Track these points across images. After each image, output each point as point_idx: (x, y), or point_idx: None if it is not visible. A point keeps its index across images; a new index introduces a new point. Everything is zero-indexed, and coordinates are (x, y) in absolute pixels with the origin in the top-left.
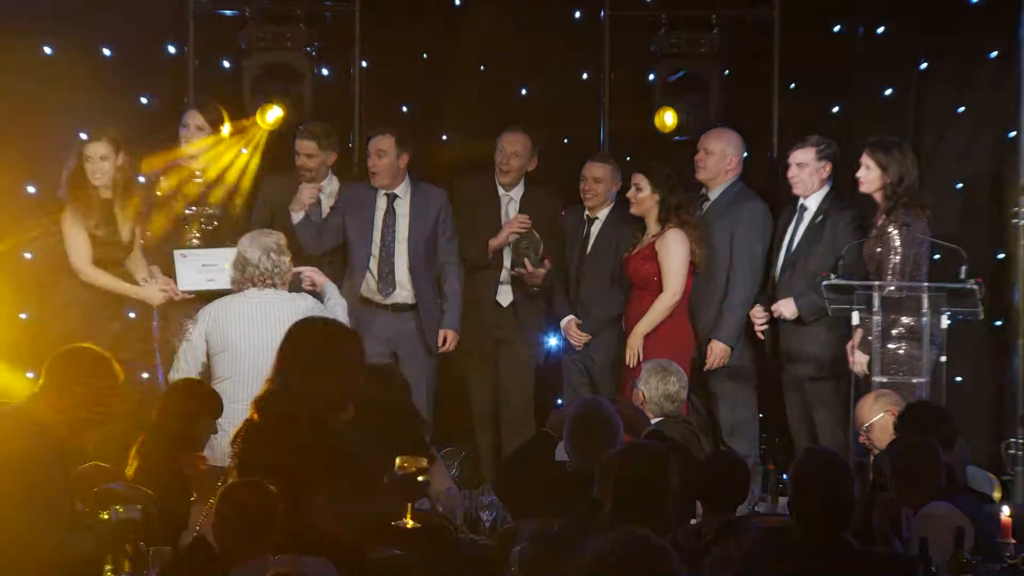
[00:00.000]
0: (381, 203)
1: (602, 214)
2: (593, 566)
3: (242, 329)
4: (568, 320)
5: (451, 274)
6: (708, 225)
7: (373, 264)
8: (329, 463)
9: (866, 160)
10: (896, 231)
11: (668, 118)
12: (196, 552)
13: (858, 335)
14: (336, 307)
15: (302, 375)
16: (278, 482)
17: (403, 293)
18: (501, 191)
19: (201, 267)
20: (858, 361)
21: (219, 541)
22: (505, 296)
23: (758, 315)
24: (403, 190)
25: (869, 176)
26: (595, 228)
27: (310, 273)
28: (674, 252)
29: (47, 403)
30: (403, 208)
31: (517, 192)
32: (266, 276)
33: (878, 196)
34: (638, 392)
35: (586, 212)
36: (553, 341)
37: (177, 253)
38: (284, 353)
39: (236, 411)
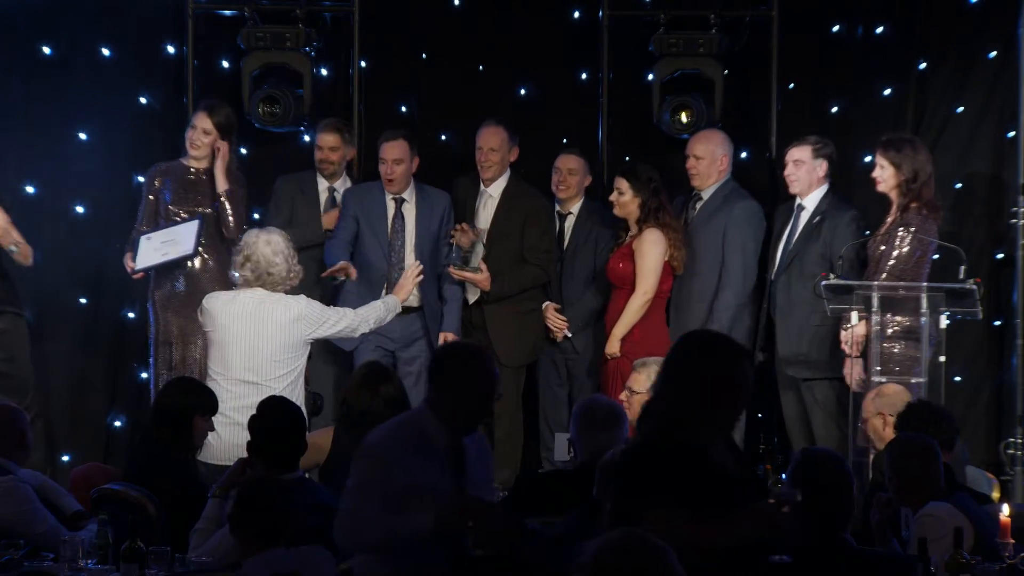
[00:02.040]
0: (390, 207)
1: (575, 208)
2: (593, 566)
3: (236, 328)
4: (546, 305)
5: (451, 277)
6: (700, 224)
7: (386, 269)
8: (699, 490)
9: (879, 159)
10: (902, 232)
11: (685, 116)
12: None
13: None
14: (344, 317)
15: (694, 397)
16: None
17: (410, 296)
18: (481, 187)
19: (160, 244)
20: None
21: (236, 534)
22: (471, 294)
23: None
24: (410, 194)
25: (884, 175)
26: (569, 224)
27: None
28: (648, 252)
29: (430, 405)
30: (410, 212)
31: (497, 188)
32: (271, 276)
33: (894, 195)
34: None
35: (558, 207)
36: None
37: (143, 237)
38: (674, 370)
39: (229, 408)
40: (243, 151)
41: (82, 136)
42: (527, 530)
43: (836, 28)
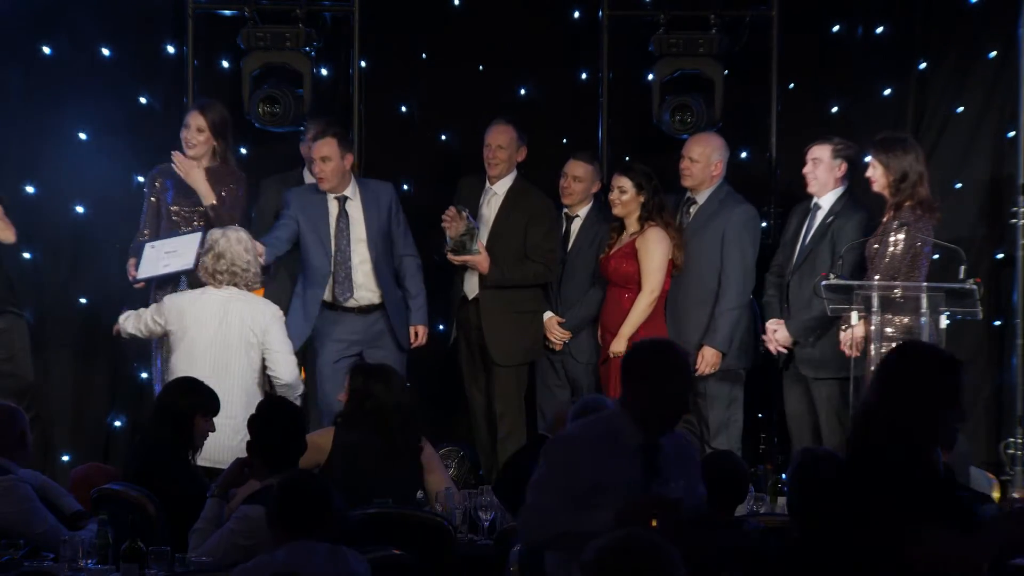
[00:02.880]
0: (333, 207)
1: (583, 212)
2: (597, 564)
3: (204, 325)
4: (549, 317)
5: (410, 267)
6: (698, 229)
7: (329, 269)
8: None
9: (871, 159)
10: (894, 231)
11: (687, 116)
12: None
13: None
14: (292, 361)
15: (913, 408)
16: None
17: (367, 294)
18: (487, 184)
19: (164, 254)
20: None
21: (274, 526)
22: (469, 290)
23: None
24: (352, 191)
25: (876, 175)
26: (575, 226)
27: None
28: (654, 250)
29: (623, 404)
30: (355, 209)
31: (503, 186)
32: (247, 273)
33: (886, 194)
34: None
35: (565, 210)
36: None
37: (147, 245)
38: (891, 380)
39: None
40: (243, 151)
41: (82, 136)
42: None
43: (836, 28)
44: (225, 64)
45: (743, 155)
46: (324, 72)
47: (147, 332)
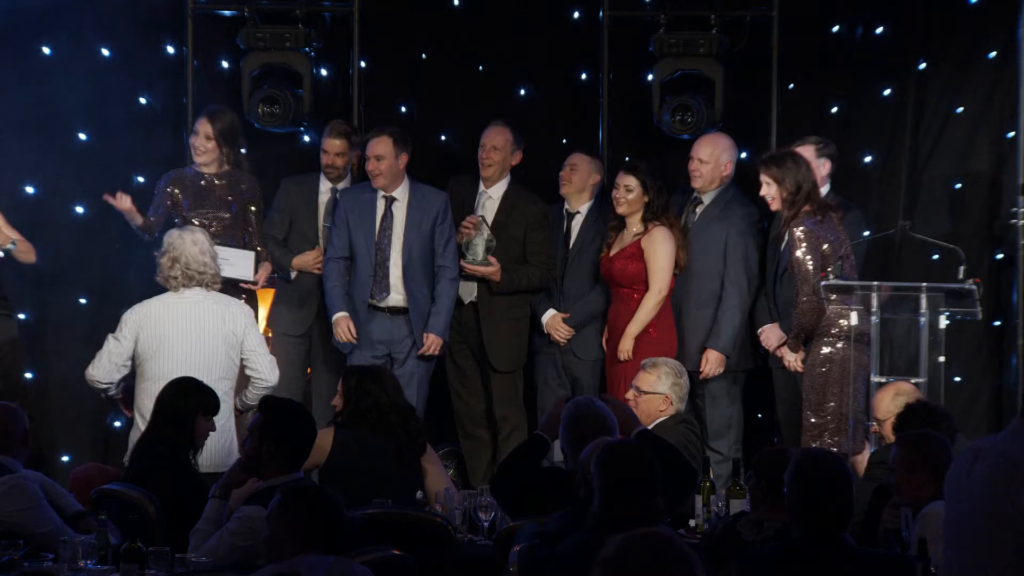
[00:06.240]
0: (380, 206)
1: (583, 208)
2: (617, 561)
3: (177, 329)
4: (552, 315)
5: (444, 278)
6: (701, 230)
7: (370, 267)
8: None
9: (762, 177)
10: (787, 239)
11: (687, 116)
12: None
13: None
14: (267, 371)
15: None
16: None
17: (396, 296)
18: (481, 188)
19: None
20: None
21: (272, 534)
22: (466, 293)
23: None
24: (401, 192)
25: (771, 192)
26: (576, 223)
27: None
28: (660, 250)
29: None
30: (400, 211)
31: (498, 191)
32: (203, 275)
33: (783, 208)
34: (662, 397)
35: (566, 207)
36: None
37: None
38: None
39: None
40: (243, 151)
41: (82, 136)
42: None
43: (836, 28)
44: (225, 64)
45: (743, 155)
46: (324, 72)
47: (117, 359)
